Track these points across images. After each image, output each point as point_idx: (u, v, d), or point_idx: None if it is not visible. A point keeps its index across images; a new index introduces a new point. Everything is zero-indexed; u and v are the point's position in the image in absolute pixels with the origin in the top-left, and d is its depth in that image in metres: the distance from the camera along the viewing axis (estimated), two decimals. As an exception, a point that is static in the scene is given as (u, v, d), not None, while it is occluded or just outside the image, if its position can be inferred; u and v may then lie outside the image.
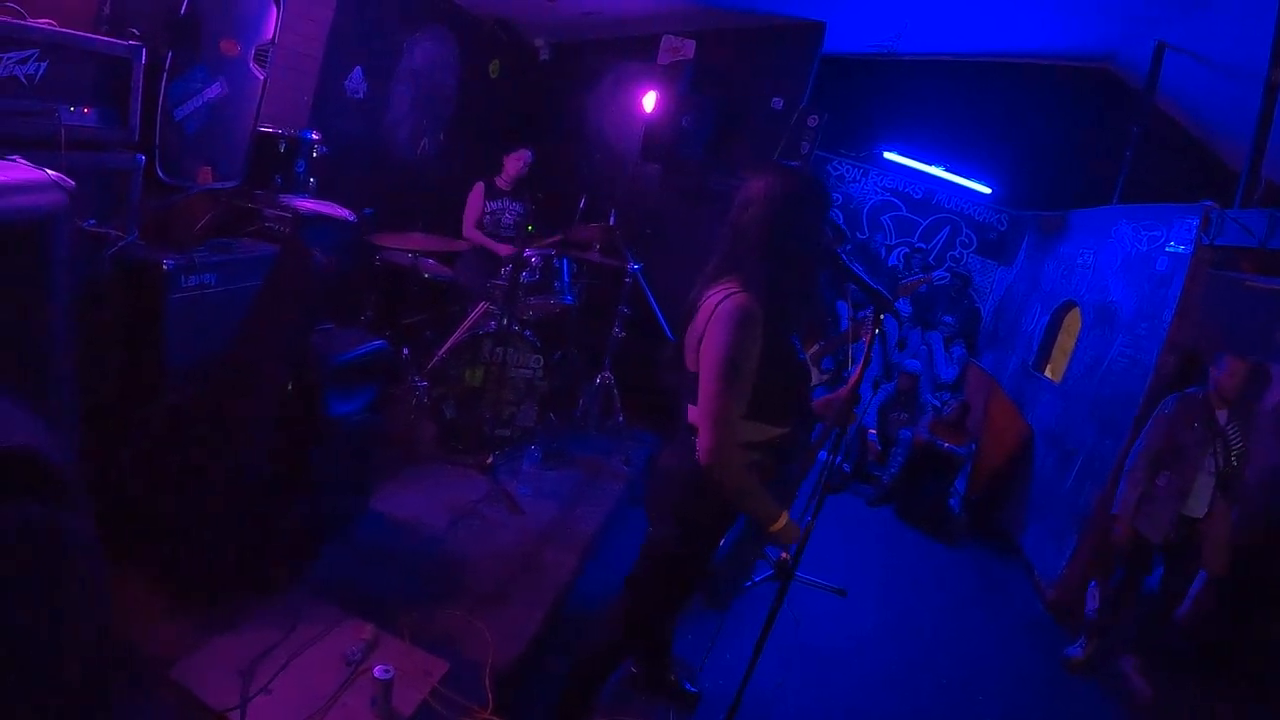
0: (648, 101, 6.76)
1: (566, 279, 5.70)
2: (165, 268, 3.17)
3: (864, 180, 9.66)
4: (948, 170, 9.34)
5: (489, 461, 5.03)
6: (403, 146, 6.49)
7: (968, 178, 9.37)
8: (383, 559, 3.85)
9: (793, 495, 2.99)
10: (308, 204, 4.17)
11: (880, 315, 2.79)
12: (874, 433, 7.66)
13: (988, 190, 9.36)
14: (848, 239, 8.52)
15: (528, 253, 5.16)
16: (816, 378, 5.22)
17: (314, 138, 4.49)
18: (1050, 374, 7.80)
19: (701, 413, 2.41)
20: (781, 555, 4.34)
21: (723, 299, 2.41)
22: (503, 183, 6.31)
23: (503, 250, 5.94)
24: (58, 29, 2.84)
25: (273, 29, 3.91)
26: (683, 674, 3.83)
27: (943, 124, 9.28)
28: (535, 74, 7.93)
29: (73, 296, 1.92)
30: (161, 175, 3.52)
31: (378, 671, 2.74)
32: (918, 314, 9.22)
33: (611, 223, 6.22)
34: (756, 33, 7.34)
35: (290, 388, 3.21)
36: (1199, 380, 5.21)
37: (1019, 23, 7.78)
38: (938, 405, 8.00)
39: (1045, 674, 5.21)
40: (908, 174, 9.55)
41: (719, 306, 2.40)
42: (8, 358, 1.72)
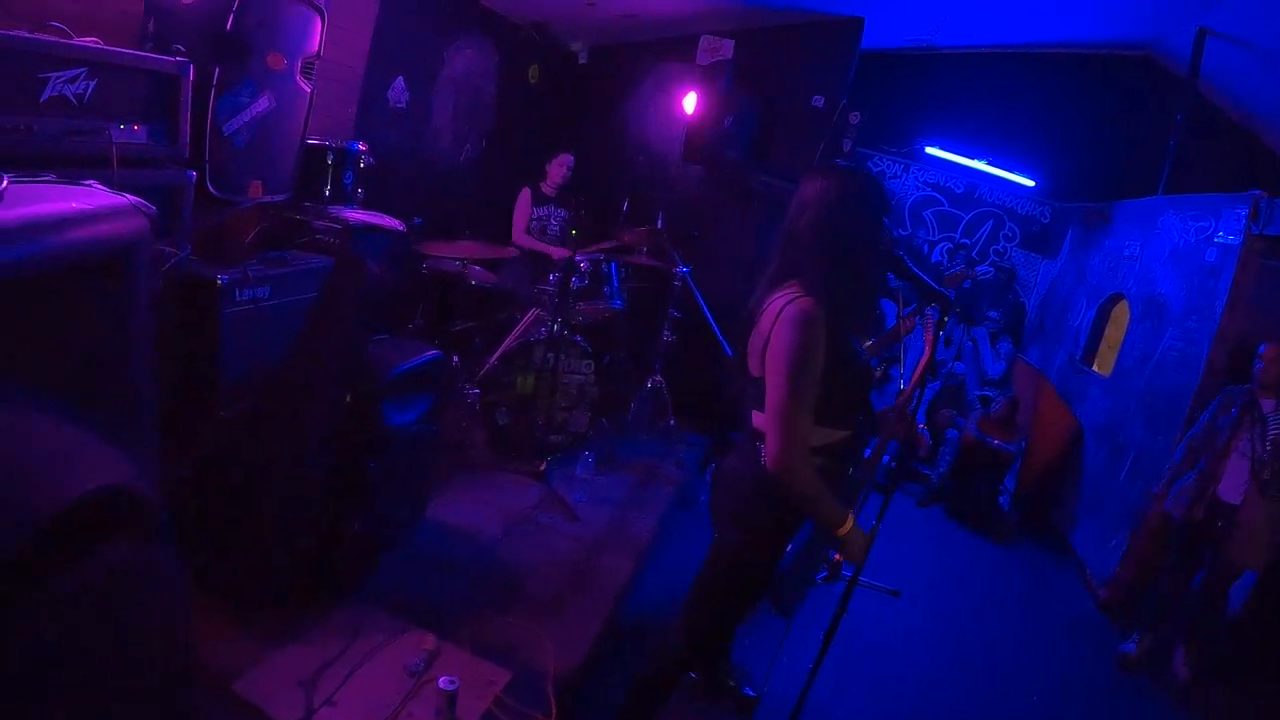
0: (688, 103, 6.74)
1: (616, 283, 5.69)
2: (219, 283, 3.20)
3: (905, 176, 9.58)
4: (989, 164, 9.22)
5: (542, 468, 5.03)
6: (445, 155, 6.50)
7: (1010, 171, 9.24)
8: (440, 568, 3.87)
9: (855, 498, 2.97)
10: (357, 215, 4.20)
11: (945, 317, 2.76)
12: (924, 427, 7.60)
13: (1031, 183, 9.23)
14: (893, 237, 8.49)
15: (577, 258, 5.16)
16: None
17: (361, 149, 4.50)
18: (1098, 368, 7.70)
19: (769, 419, 2.39)
20: (836, 556, 4.30)
21: (786, 304, 2.39)
22: (548, 188, 6.35)
23: (556, 253, 5.94)
24: (105, 47, 2.85)
25: (317, 42, 3.92)
26: (741, 679, 3.82)
27: (983, 117, 9.16)
28: (574, 78, 7.94)
29: (150, 317, 1.91)
30: (212, 190, 3.54)
31: (443, 682, 2.74)
32: (962, 310, 9.13)
33: (659, 225, 6.21)
34: (795, 30, 7.30)
35: (348, 399, 3.22)
36: (1245, 370, 5.16)
37: (1058, 12, 7.66)
38: (990, 397, 7.93)
39: (1098, 672, 5.16)
40: (949, 168, 9.44)
41: (782, 312, 2.38)
42: (95, 392, 1.71)
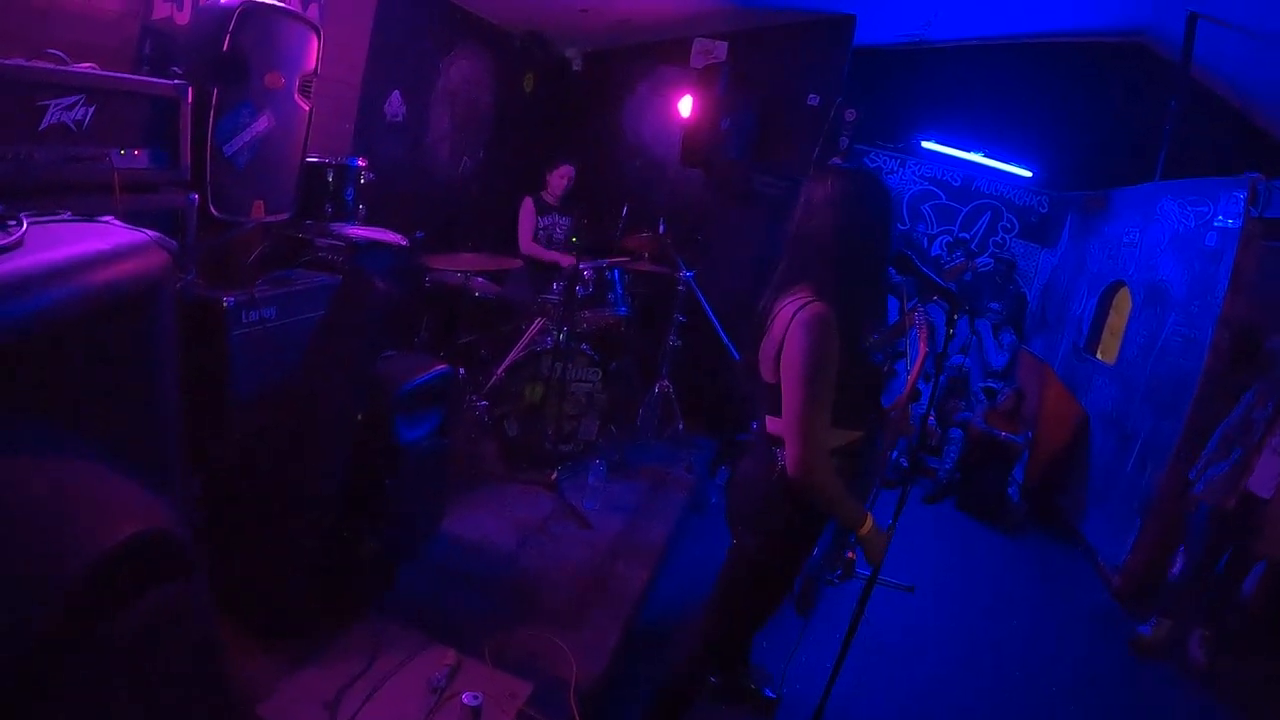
0: (684, 106, 6.74)
1: (620, 290, 5.70)
2: (226, 305, 3.20)
3: (902, 171, 9.58)
4: (986, 155, 9.21)
5: (553, 477, 5.04)
6: (444, 167, 6.51)
7: (1006, 162, 9.23)
8: (457, 581, 3.87)
9: (868, 495, 2.97)
10: (360, 231, 4.20)
11: (955, 316, 2.77)
12: (933, 419, 7.60)
13: (1028, 174, 9.22)
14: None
15: (581, 265, 5.16)
16: None
17: (360, 165, 4.50)
18: (1102, 356, 7.71)
19: (788, 424, 2.39)
20: (849, 555, 4.30)
21: (798, 309, 2.40)
22: (550, 198, 6.35)
23: (565, 261, 5.94)
24: (102, 72, 2.84)
25: (314, 59, 3.91)
26: (761, 681, 3.82)
27: (978, 109, 9.16)
28: (569, 85, 7.94)
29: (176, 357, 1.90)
30: (215, 212, 3.52)
31: (466, 698, 2.74)
32: (965, 300, 9.12)
33: (661, 230, 6.22)
34: (787, 30, 7.31)
35: (360, 417, 3.22)
36: (1260, 356, 5.16)
37: (1049, 1, 7.69)
38: (995, 390, 7.93)
39: (1116, 659, 5.18)
40: (946, 162, 9.43)
41: (795, 317, 2.39)
42: (123, 433, 1.70)
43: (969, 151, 9.18)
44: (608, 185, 7.16)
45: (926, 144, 9.24)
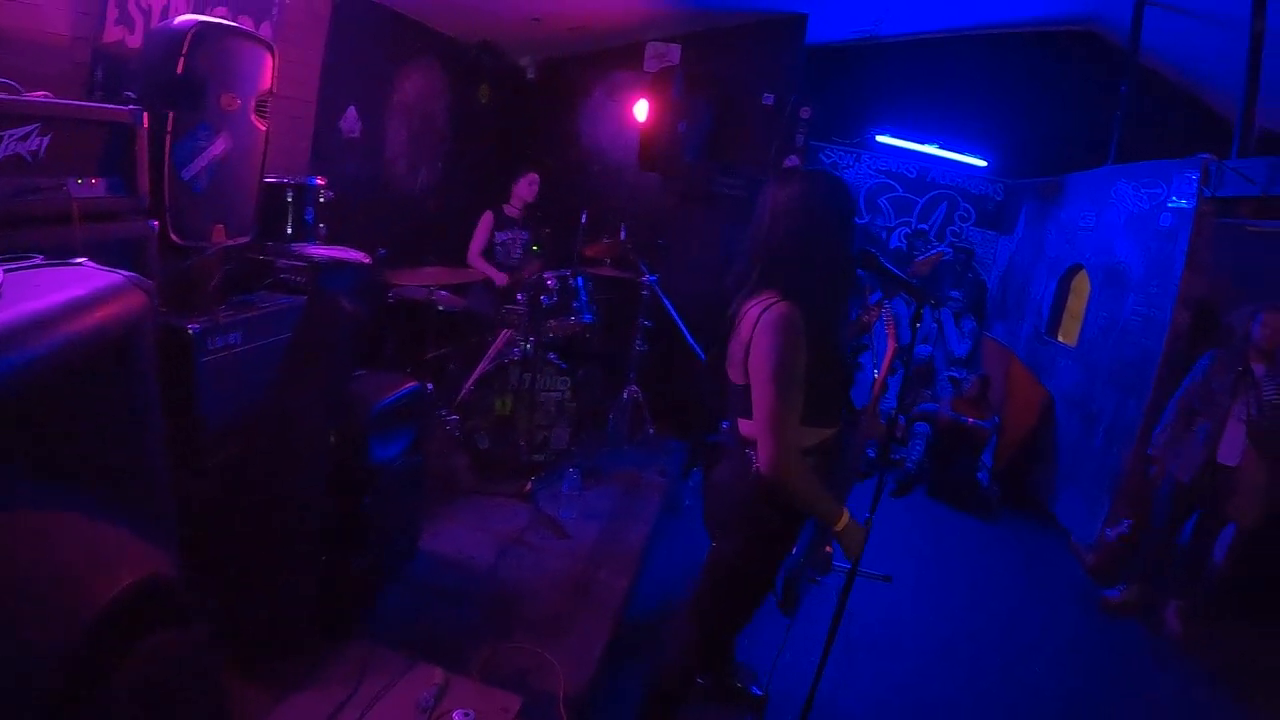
0: (639, 110, 6.75)
1: (584, 297, 5.69)
2: (191, 333, 3.15)
3: (858, 165, 9.64)
4: (940, 147, 9.33)
5: (528, 488, 5.03)
6: (402, 181, 6.47)
7: (961, 152, 9.35)
8: (438, 598, 3.85)
9: (846, 491, 2.99)
10: (322, 251, 4.15)
11: (921, 310, 2.80)
12: (902, 416, 7.65)
13: (983, 163, 9.34)
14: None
15: (545, 275, 5.16)
16: None
17: (319, 183, 4.46)
18: (1064, 339, 7.81)
19: (759, 425, 2.41)
20: (825, 549, 4.33)
21: (764, 311, 2.42)
22: (512, 210, 6.31)
23: (500, 279, 5.97)
24: (56, 100, 2.79)
25: (270, 78, 3.87)
26: (748, 679, 3.84)
27: (932, 101, 9.27)
28: (525, 94, 7.90)
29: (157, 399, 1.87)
30: (175, 238, 3.45)
31: (458, 716, 2.73)
32: (926, 291, 9.18)
33: (622, 236, 6.22)
34: (740, 31, 7.34)
35: (333, 439, 3.19)
36: (1218, 331, 5.26)
37: (996, -8, 7.81)
38: (958, 379, 8.00)
39: (1096, 634, 5.29)
40: (901, 154, 9.52)
41: (762, 318, 2.41)
42: (114, 480, 1.68)
43: (924, 143, 9.29)
44: (567, 192, 7.14)
45: (881, 138, 9.32)
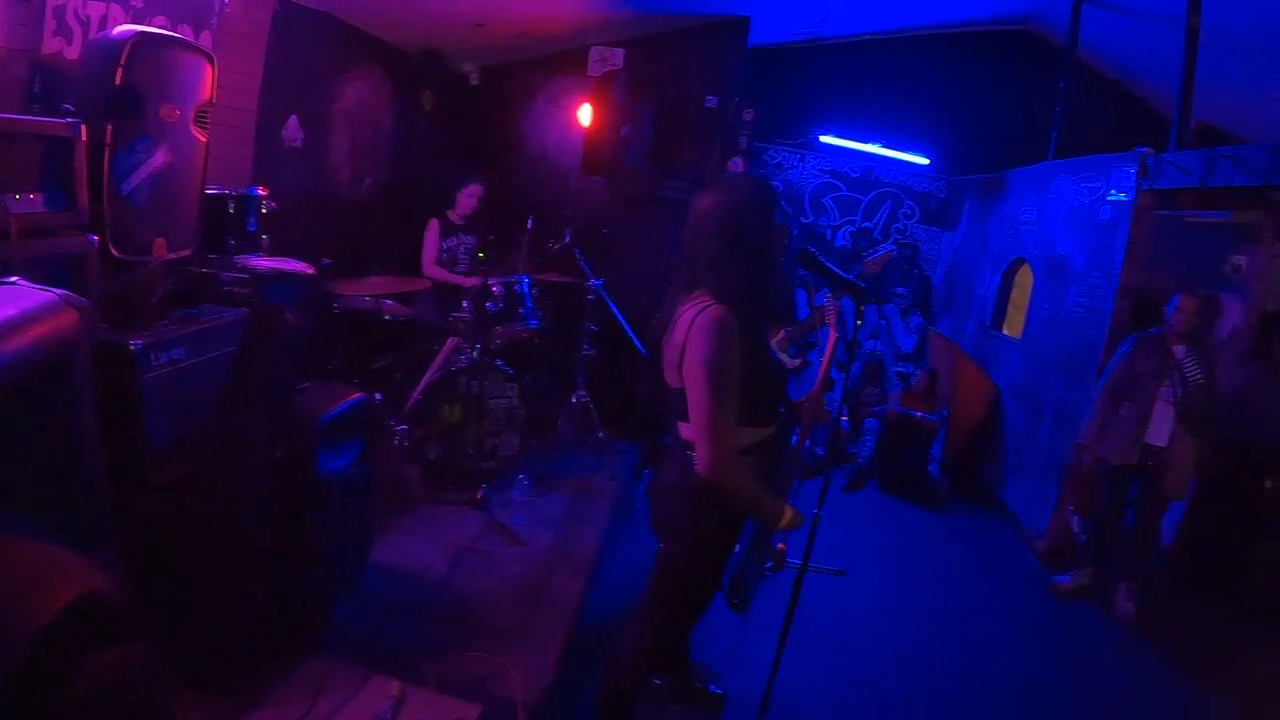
0: (583, 115, 6.75)
1: (530, 303, 5.67)
2: (134, 348, 3.09)
3: (802, 165, 9.75)
4: (883, 146, 9.47)
5: (479, 496, 4.99)
6: (346, 190, 6.40)
7: (904, 151, 9.50)
8: (393, 610, 3.83)
9: (788, 488, 3.02)
10: (266, 262, 4.12)
11: (861, 306, 2.84)
12: (845, 420, 7.73)
13: (925, 161, 9.52)
14: (792, 228, 8.63)
15: (489, 281, 5.14)
16: (789, 364, 5.26)
17: (261, 194, 4.41)
18: (1009, 332, 7.95)
19: (696, 428, 2.44)
20: (779, 546, 4.37)
21: (697, 314, 2.45)
22: (456, 218, 6.28)
23: (467, 282, 5.91)
24: (-9, 115, 2.76)
25: (210, 88, 3.83)
26: (706, 678, 3.88)
27: (875, 102, 9.41)
28: (468, 100, 7.87)
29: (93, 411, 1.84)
30: (116, 253, 3.41)
31: (413, 727, 2.72)
32: (870, 289, 9.29)
33: (567, 240, 6.23)
34: (683, 34, 7.37)
35: (279, 452, 3.16)
36: (1158, 321, 5.40)
37: (937, -6, 7.92)
38: (906, 374, 8.10)
39: (1049, 619, 5.39)
40: (845, 154, 9.65)
41: (695, 322, 2.44)
42: (50, 499, 1.66)
43: (866, 143, 9.42)
44: (513, 198, 7.11)
45: (825, 138, 9.45)
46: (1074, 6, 7.31)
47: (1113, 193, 6.02)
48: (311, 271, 4.23)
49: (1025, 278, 7.69)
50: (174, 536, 3.00)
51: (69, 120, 3.02)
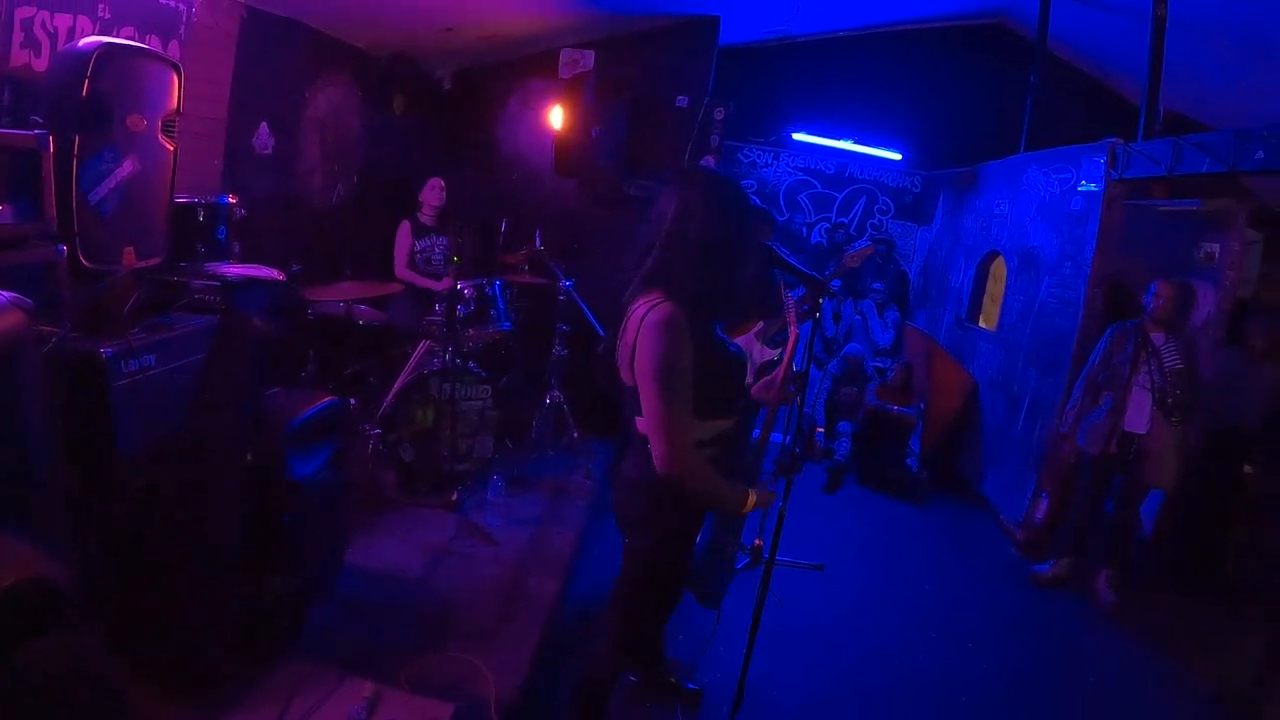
0: (554, 117, 6.77)
1: (502, 305, 5.69)
2: (104, 356, 3.11)
3: (776, 164, 9.80)
4: (856, 142, 9.52)
5: (454, 498, 5.03)
6: (318, 196, 6.40)
7: (877, 147, 9.56)
8: (368, 612, 3.85)
9: (755, 477, 3.03)
10: (236, 270, 4.12)
11: (819, 299, 2.86)
12: (820, 431, 7.76)
13: (898, 157, 9.57)
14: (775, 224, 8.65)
15: (460, 284, 5.15)
16: (766, 355, 5.26)
17: (231, 201, 4.42)
18: (984, 324, 8.00)
19: (649, 425, 2.45)
20: (756, 542, 4.39)
21: (647, 311, 2.45)
22: (426, 218, 6.28)
23: (439, 286, 5.92)
24: (-45, 128, 2.78)
25: (176, 98, 3.84)
26: (681, 674, 3.90)
27: (848, 98, 9.45)
28: (441, 104, 7.87)
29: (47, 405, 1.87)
30: (85, 262, 3.42)
31: (385, 725, 2.74)
32: (847, 285, 9.38)
33: (537, 243, 6.25)
34: (653, 35, 7.40)
35: (249, 457, 3.18)
36: (1133, 309, 5.44)
37: (906, -10, 7.97)
38: (882, 368, 8.15)
39: (1029, 609, 5.44)
40: (819, 151, 9.70)
41: (644, 320, 2.44)
42: None
43: (839, 139, 9.46)
44: (487, 201, 7.12)
45: (798, 135, 9.49)
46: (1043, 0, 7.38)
47: (1083, 183, 6.09)
48: (282, 277, 4.25)
49: (1000, 270, 7.75)
50: (145, 541, 3.02)
51: (36, 132, 3.04)
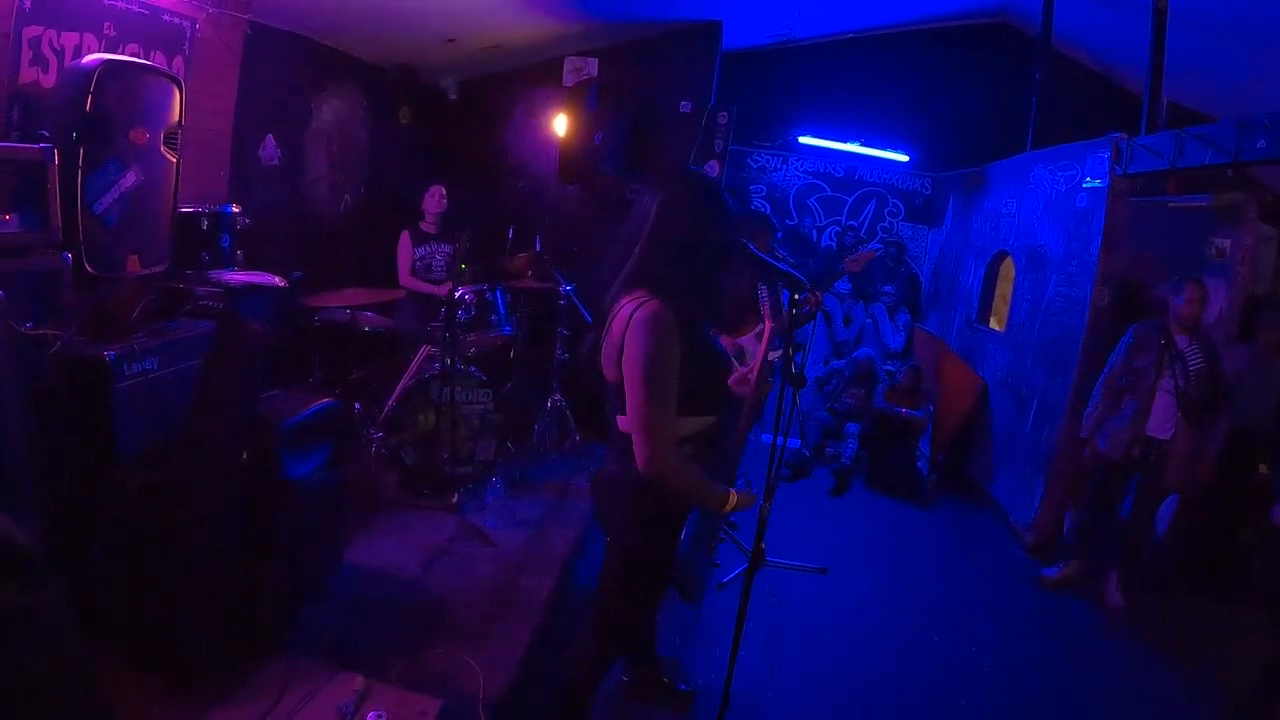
0: (558, 125, 6.83)
1: (503, 310, 5.76)
2: (107, 359, 3.22)
3: (785, 168, 9.83)
4: (864, 145, 9.53)
5: (454, 500, 5.10)
6: (325, 206, 6.52)
7: (884, 149, 9.57)
8: (363, 609, 3.91)
9: (733, 474, 3.06)
10: (238, 277, 4.24)
11: (795, 296, 2.88)
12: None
13: (905, 158, 9.57)
14: (777, 230, 8.63)
15: (460, 291, 5.21)
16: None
17: (234, 211, 4.53)
18: (994, 325, 7.98)
19: (634, 423, 2.47)
20: (759, 544, 4.42)
21: (635, 309, 2.48)
22: (427, 226, 6.33)
23: (442, 290, 5.96)
24: (-38, 142, 2.89)
25: (177, 111, 3.94)
26: (675, 674, 3.92)
27: (854, 101, 9.48)
28: (447, 114, 7.95)
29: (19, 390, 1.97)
30: (90, 269, 3.52)
31: (370, 718, 2.80)
32: (858, 288, 9.38)
33: (538, 248, 6.32)
34: (656, 41, 7.45)
35: (244, 456, 3.26)
36: (1141, 308, 5.37)
37: (908, -9, 7.99)
38: (891, 370, 8.15)
39: (1036, 612, 5.36)
40: (828, 154, 9.72)
41: (633, 318, 2.47)
42: None
43: (846, 142, 9.46)
44: (492, 209, 7.19)
45: (804, 139, 9.50)
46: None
47: (1088, 180, 6.05)
48: (283, 284, 4.34)
49: (1009, 270, 7.73)
50: (142, 537, 3.11)
51: (42, 146, 3.16)
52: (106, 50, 4.00)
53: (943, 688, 4.36)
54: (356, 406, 5.45)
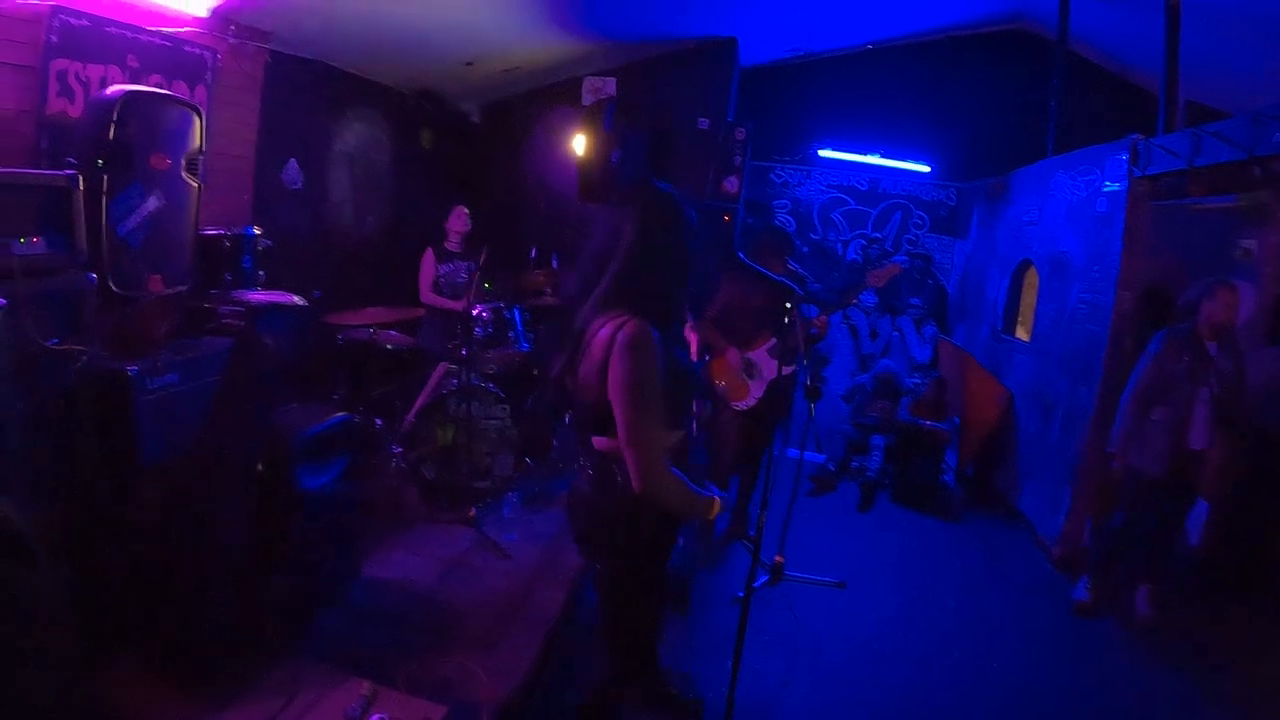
0: (577, 144, 6.93)
1: (520, 327, 5.84)
2: (130, 374, 3.35)
3: (808, 182, 9.82)
4: (884, 157, 9.51)
5: (472, 514, 5.15)
6: (348, 227, 6.66)
7: (906, 160, 9.54)
8: (376, 618, 3.98)
9: (701, 478, 3.08)
10: (259, 296, 4.37)
11: (791, 307, 2.93)
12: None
13: (927, 169, 9.53)
14: (798, 247, 8.57)
15: (477, 309, 5.26)
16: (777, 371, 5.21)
17: (256, 233, 4.67)
18: (1020, 335, 7.91)
19: (625, 442, 2.48)
20: (777, 559, 4.43)
21: (617, 329, 2.50)
22: (451, 245, 6.41)
23: (459, 305, 6.04)
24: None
25: (198, 138, 4.08)
26: (683, 685, 3.89)
27: (873, 113, 9.47)
28: (469, 136, 8.08)
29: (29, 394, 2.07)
30: (114, 289, 3.65)
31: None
32: (884, 301, 9.36)
33: (554, 266, 6.39)
34: (672, 59, 7.55)
35: (260, 467, 3.36)
36: (1170, 312, 5.24)
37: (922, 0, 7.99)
38: (917, 383, 8.11)
39: (1062, 627, 5.22)
40: (850, 168, 9.69)
41: (616, 337, 2.49)
42: None
43: (866, 154, 9.43)
44: (516, 227, 7.30)
45: (824, 152, 9.49)
46: (1062, -1, 7.35)
47: (1108, 183, 5.97)
48: (303, 303, 4.46)
49: (1034, 280, 7.66)
50: (159, 543, 3.22)
51: (68, 173, 3.33)
52: (130, 81, 4.18)
53: (957, 705, 4.27)
54: (378, 422, 5.54)
